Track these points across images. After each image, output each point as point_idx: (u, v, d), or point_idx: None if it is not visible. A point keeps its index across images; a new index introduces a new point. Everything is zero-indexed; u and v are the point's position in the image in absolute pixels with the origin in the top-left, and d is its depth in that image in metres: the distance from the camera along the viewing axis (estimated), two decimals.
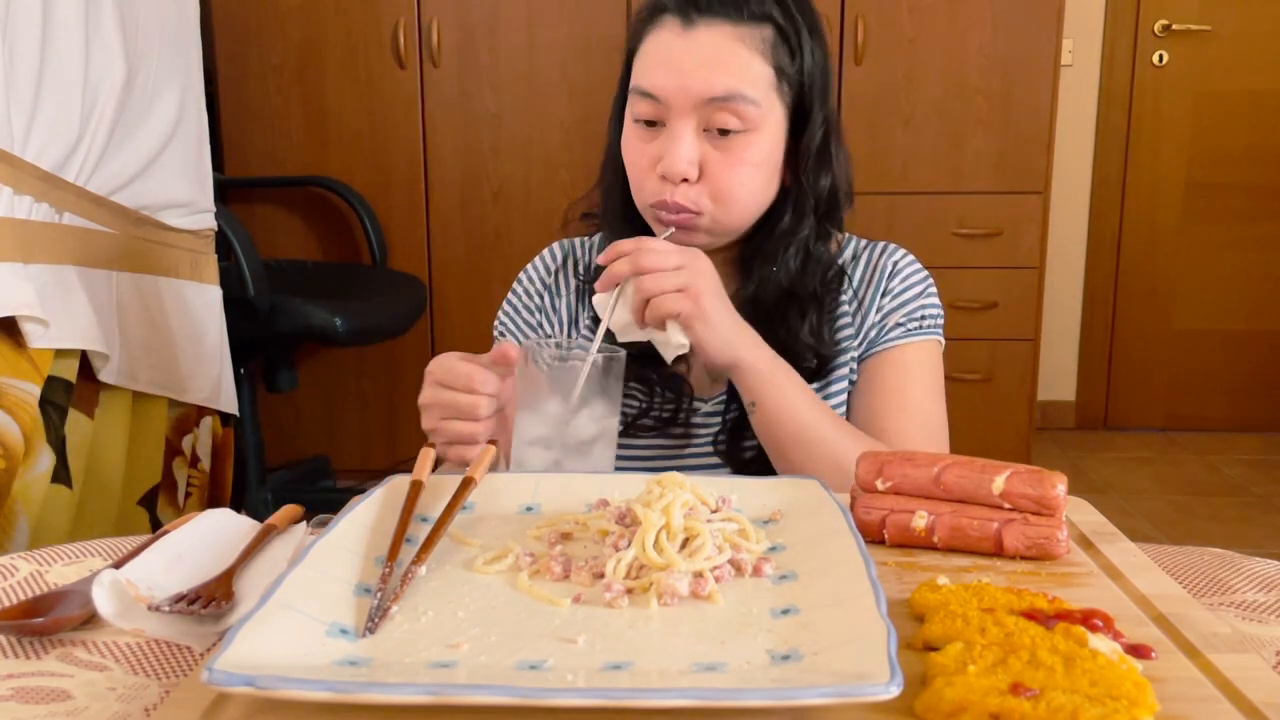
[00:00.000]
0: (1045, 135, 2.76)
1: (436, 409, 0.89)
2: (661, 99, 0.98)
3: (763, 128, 0.98)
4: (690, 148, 0.97)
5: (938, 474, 0.75)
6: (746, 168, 0.99)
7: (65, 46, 1.64)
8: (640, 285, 0.91)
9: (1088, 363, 3.63)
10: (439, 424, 0.89)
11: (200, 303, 2.07)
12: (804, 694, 0.49)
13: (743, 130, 0.97)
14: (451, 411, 0.88)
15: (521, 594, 0.66)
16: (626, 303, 0.94)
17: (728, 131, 0.98)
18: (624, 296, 0.93)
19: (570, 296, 1.15)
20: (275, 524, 0.79)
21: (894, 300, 1.09)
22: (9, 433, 1.53)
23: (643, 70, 1.00)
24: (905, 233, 2.76)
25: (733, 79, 0.96)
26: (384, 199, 2.86)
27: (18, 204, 1.59)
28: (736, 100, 0.96)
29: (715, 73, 0.96)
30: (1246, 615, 0.69)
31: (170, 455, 2.05)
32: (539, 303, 1.15)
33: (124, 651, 0.65)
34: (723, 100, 0.96)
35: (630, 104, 1.02)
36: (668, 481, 0.73)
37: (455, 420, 0.88)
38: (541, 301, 1.15)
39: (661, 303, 0.91)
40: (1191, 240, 3.50)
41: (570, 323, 1.14)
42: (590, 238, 1.18)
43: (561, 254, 1.18)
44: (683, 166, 0.97)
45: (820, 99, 1.02)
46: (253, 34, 2.81)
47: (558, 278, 1.16)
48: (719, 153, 0.98)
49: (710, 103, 0.96)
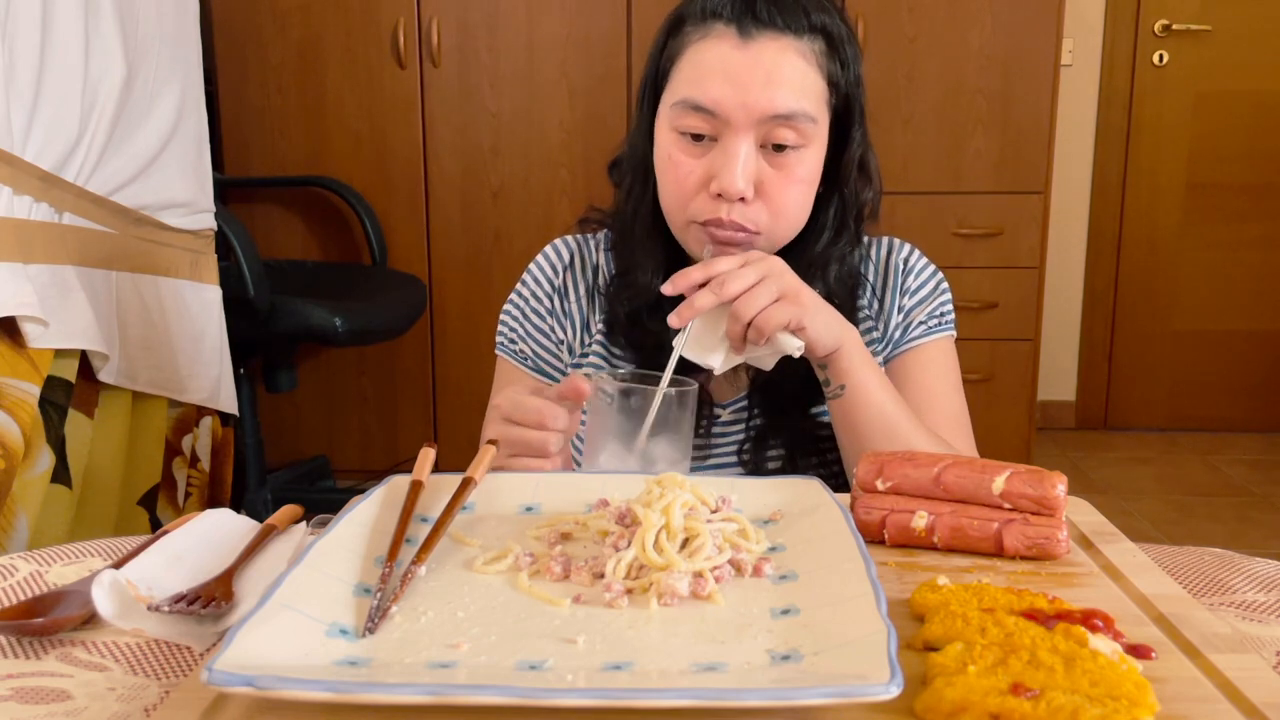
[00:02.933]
0: (1045, 135, 2.76)
1: (505, 446, 0.87)
2: (719, 114, 0.94)
3: (814, 142, 0.97)
4: (750, 167, 0.94)
5: (938, 474, 0.75)
6: (800, 185, 0.97)
7: (65, 46, 1.64)
8: (737, 311, 0.87)
9: (1088, 363, 3.63)
10: (508, 461, 0.87)
11: (200, 303, 2.07)
12: (804, 694, 0.49)
13: (798, 146, 0.95)
14: (522, 448, 0.86)
15: (521, 594, 0.66)
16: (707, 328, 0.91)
17: (783, 147, 0.95)
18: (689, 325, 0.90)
19: (582, 299, 1.11)
20: (275, 524, 0.79)
21: (914, 299, 1.09)
22: (9, 433, 1.53)
23: (694, 81, 0.95)
24: (905, 233, 2.72)
25: (795, 96, 0.93)
26: (384, 199, 2.86)
27: (17, 204, 1.59)
28: (798, 118, 0.94)
29: (779, 89, 0.92)
30: (1246, 615, 0.69)
31: (170, 455, 2.05)
32: (548, 305, 1.12)
33: (124, 651, 0.65)
34: (786, 118, 0.93)
35: (675, 115, 0.97)
36: (668, 481, 0.73)
37: (525, 457, 0.87)
38: (551, 304, 1.12)
39: (768, 318, 0.87)
40: (1191, 240, 3.50)
41: (582, 327, 1.11)
42: (595, 235, 1.14)
43: (568, 253, 1.13)
44: (742, 185, 0.93)
45: (861, 110, 1.00)
46: (253, 34, 2.81)
47: (566, 278, 1.12)
48: (774, 170, 0.95)
49: (772, 119, 0.93)
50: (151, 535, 0.78)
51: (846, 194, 1.02)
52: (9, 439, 1.53)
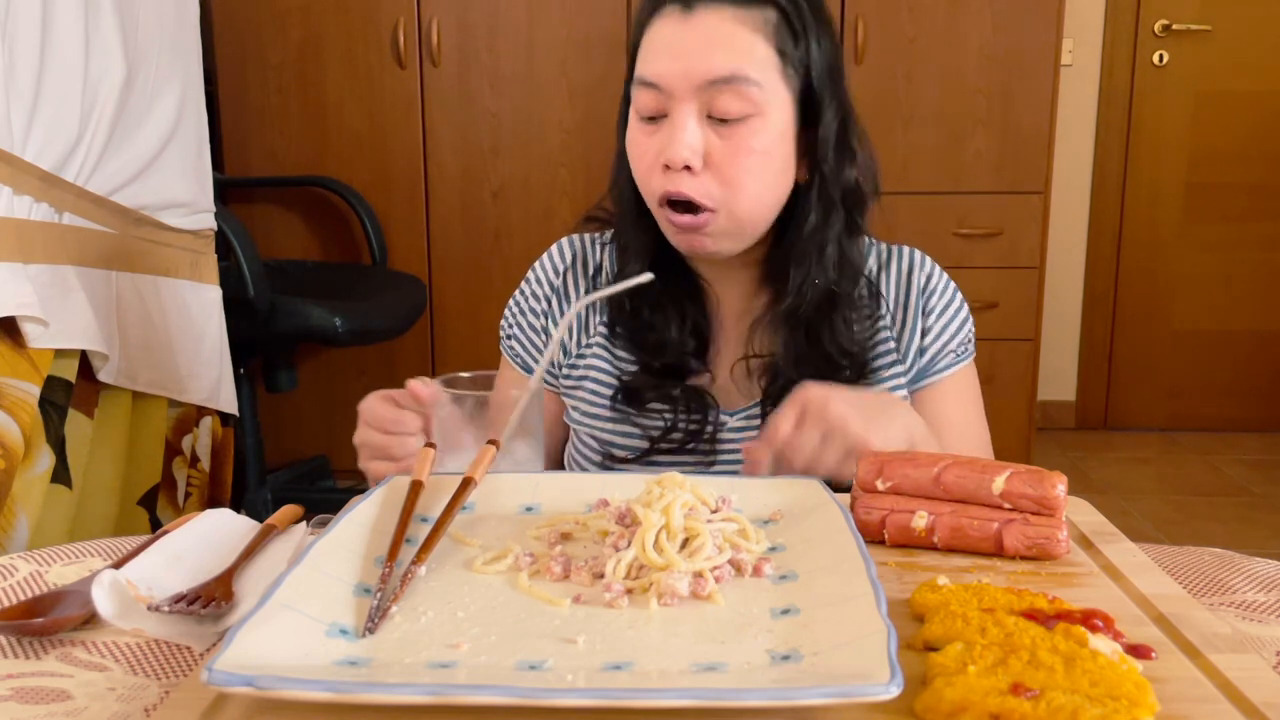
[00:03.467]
0: (1045, 135, 2.76)
1: (365, 449, 0.92)
2: (663, 86, 0.95)
3: (767, 112, 0.95)
4: (693, 134, 0.94)
5: (938, 474, 0.75)
6: (754, 155, 0.95)
7: (65, 46, 1.64)
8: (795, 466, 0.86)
9: (1088, 363, 3.63)
10: (367, 464, 0.92)
11: (200, 303, 2.07)
12: (804, 694, 0.49)
13: (746, 115, 0.94)
14: (374, 452, 0.91)
15: (521, 594, 0.66)
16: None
17: (731, 120, 0.94)
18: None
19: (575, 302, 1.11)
20: (275, 524, 0.79)
21: (941, 323, 1.07)
22: (9, 433, 1.53)
23: (644, 61, 0.97)
24: (905, 233, 2.76)
25: (734, 58, 0.93)
26: (384, 199, 2.86)
27: (17, 204, 1.59)
28: (739, 81, 0.93)
29: (716, 52, 0.93)
30: (1246, 615, 0.69)
31: (170, 455, 2.05)
32: (545, 306, 1.12)
33: (124, 651, 0.65)
34: (725, 81, 0.93)
35: (634, 99, 0.98)
36: (668, 482, 0.73)
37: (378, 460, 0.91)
38: (549, 305, 1.12)
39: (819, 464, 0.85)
40: (1191, 240, 3.50)
41: (580, 327, 1.10)
42: (601, 235, 1.14)
43: (571, 253, 1.13)
44: (685, 153, 0.93)
45: (831, 87, 0.98)
46: (253, 34, 2.81)
47: (566, 279, 1.12)
48: (723, 140, 0.94)
49: (711, 85, 0.93)
50: (151, 535, 0.78)
51: (826, 171, 0.99)
52: (9, 439, 1.53)
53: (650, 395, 1.04)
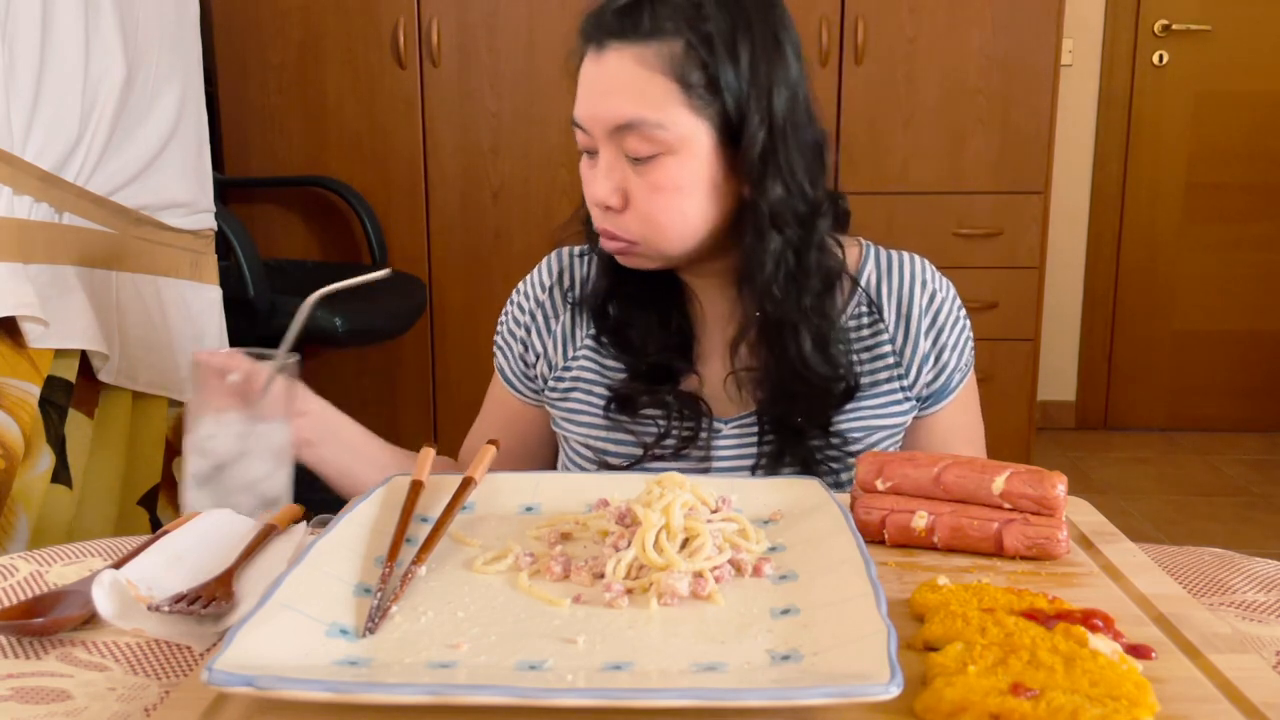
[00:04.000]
0: (1045, 135, 2.75)
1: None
2: (585, 128, 0.96)
3: (680, 150, 0.93)
4: (608, 176, 0.95)
5: (938, 474, 0.75)
6: (667, 192, 0.94)
7: (65, 46, 1.64)
8: None
9: (1088, 363, 3.63)
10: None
11: (200, 303, 2.07)
12: (804, 694, 0.49)
13: (656, 154, 0.93)
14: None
15: (521, 594, 0.66)
16: None
17: (643, 159, 0.94)
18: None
19: (565, 314, 1.11)
20: (275, 524, 0.79)
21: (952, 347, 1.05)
22: (9, 433, 1.53)
23: (576, 100, 0.98)
24: (905, 233, 2.76)
25: (629, 104, 0.92)
26: (384, 199, 2.86)
27: (17, 204, 1.59)
28: (639, 125, 0.92)
29: (614, 99, 0.93)
30: (1246, 615, 0.69)
31: (170, 455, 2.05)
32: (529, 321, 1.12)
33: (124, 651, 0.65)
34: (626, 126, 0.93)
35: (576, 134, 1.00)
36: (668, 482, 0.73)
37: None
38: (534, 320, 1.12)
39: None
40: (1191, 240, 3.50)
41: (565, 340, 1.10)
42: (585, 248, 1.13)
43: (557, 268, 1.13)
44: (602, 195, 0.95)
45: (757, 102, 0.93)
46: (253, 34, 2.81)
47: (552, 293, 1.12)
48: (639, 178, 0.95)
49: (618, 130, 0.94)
50: (151, 535, 0.78)
51: (746, 196, 0.97)
52: (9, 439, 1.53)
53: (642, 401, 1.03)
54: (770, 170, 0.95)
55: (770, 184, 0.95)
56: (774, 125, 0.94)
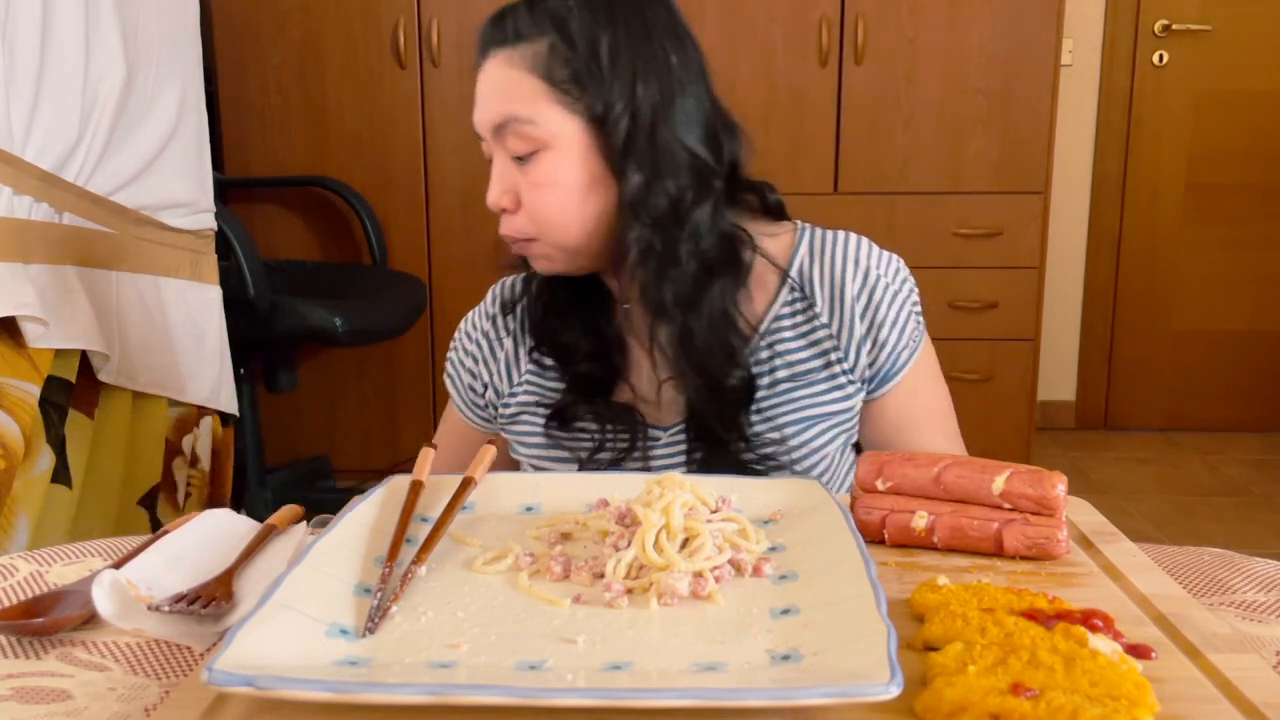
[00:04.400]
0: (1045, 135, 2.76)
1: None
2: (479, 135, 0.99)
3: (554, 145, 0.95)
4: (499, 179, 0.98)
5: (938, 474, 0.75)
6: (546, 188, 0.96)
7: (65, 46, 1.64)
8: None
9: (1088, 363, 3.63)
10: None
11: (200, 303, 2.07)
12: (804, 694, 0.49)
13: (533, 151, 0.96)
14: None
15: (521, 594, 0.66)
16: None
17: (524, 158, 0.96)
18: None
19: (508, 341, 1.11)
20: (275, 524, 0.79)
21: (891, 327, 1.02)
22: (9, 433, 1.53)
23: None
24: (905, 233, 2.76)
25: (501, 103, 0.96)
26: (384, 199, 2.86)
27: (18, 204, 1.59)
28: (512, 123, 0.95)
29: (490, 101, 0.96)
30: (1246, 615, 0.69)
31: (170, 455, 2.05)
32: (475, 350, 1.13)
33: (124, 651, 0.65)
34: (503, 126, 0.96)
35: None
36: (668, 481, 0.73)
37: None
38: (480, 350, 1.13)
39: None
40: (1191, 240, 3.50)
41: (511, 366, 1.10)
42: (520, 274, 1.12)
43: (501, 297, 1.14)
44: (494, 198, 0.98)
45: (620, 93, 0.94)
46: (253, 34, 2.81)
47: (496, 322, 1.12)
48: (524, 178, 0.97)
49: (498, 131, 0.96)
50: (151, 535, 0.78)
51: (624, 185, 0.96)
52: (9, 439, 1.53)
53: (576, 412, 1.03)
54: (631, 160, 0.95)
55: (630, 173, 0.95)
56: (637, 115, 0.95)
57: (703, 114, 0.98)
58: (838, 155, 2.77)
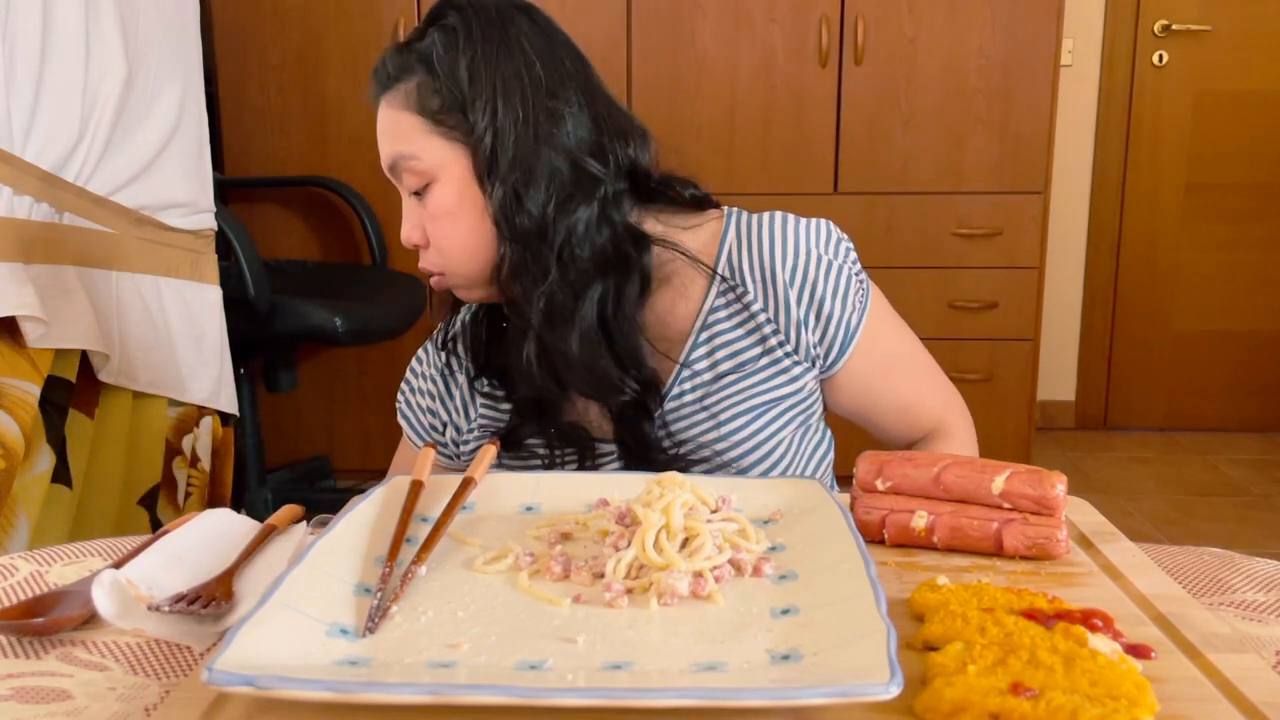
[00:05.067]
0: (1045, 135, 2.76)
1: None
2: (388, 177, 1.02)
3: (440, 175, 0.97)
4: (407, 217, 1.01)
5: (937, 474, 0.75)
6: (442, 219, 0.98)
7: (65, 46, 1.64)
8: None
9: (1088, 363, 3.63)
10: None
11: (200, 303, 2.07)
12: (804, 694, 0.49)
13: (425, 184, 0.98)
14: None
15: (521, 594, 0.66)
16: None
17: (421, 193, 0.99)
18: None
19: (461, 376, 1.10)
20: (275, 524, 0.79)
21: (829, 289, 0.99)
22: (9, 433, 1.53)
23: None
24: (905, 233, 2.76)
25: (389, 143, 0.99)
26: (384, 199, 2.86)
27: (18, 204, 1.59)
28: (401, 160, 0.98)
29: (383, 144, 1.00)
30: (1246, 615, 0.69)
31: (170, 455, 2.05)
32: (431, 388, 1.13)
33: (124, 651, 0.65)
34: (395, 165, 0.99)
35: None
36: (668, 481, 0.73)
37: None
38: (435, 388, 1.13)
39: None
40: (1191, 240, 3.50)
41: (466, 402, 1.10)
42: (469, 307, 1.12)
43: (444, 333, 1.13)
44: (404, 235, 1.02)
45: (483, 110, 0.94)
46: (253, 34, 2.81)
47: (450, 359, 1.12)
48: (425, 211, 0.99)
49: (394, 171, 0.99)
50: (151, 535, 0.78)
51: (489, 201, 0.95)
52: (9, 439, 1.53)
53: (523, 433, 1.03)
54: (495, 176, 0.95)
55: (494, 189, 0.95)
56: (499, 131, 0.95)
57: (584, 121, 0.97)
58: (837, 155, 2.77)
